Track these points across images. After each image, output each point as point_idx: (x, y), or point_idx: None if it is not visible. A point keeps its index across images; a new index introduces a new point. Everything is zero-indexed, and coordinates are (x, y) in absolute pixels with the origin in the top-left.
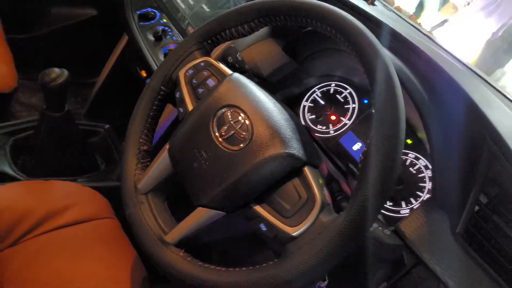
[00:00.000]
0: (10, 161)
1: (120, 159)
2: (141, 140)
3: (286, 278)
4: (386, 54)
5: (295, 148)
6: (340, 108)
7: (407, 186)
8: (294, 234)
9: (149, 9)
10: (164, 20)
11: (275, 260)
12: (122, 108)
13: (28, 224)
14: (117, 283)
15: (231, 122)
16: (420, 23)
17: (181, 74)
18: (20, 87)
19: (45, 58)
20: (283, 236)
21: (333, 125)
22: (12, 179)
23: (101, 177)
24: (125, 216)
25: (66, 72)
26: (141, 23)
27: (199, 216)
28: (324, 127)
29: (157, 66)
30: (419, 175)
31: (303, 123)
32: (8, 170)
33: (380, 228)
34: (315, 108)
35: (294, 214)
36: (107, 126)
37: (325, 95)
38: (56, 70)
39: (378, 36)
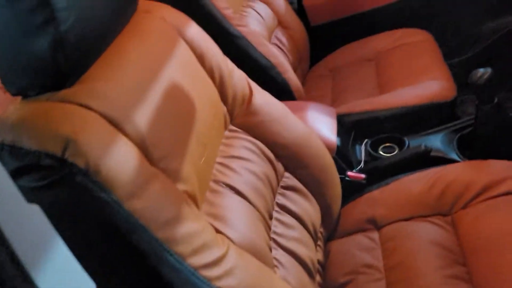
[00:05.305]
0: (457, 152)
1: None
2: None
3: None
4: None
5: None
6: None
7: None
8: None
9: None
10: None
11: None
12: None
13: (471, 193)
14: None
15: None
16: None
17: None
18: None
19: None
20: None
21: None
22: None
23: None
24: None
25: (489, 70)
26: None
27: None
28: None
29: None
30: None
31: None
32: (456, 157)
33: None
34: None
35: None
36: None
37: None
38: (481, 70)
39: None
